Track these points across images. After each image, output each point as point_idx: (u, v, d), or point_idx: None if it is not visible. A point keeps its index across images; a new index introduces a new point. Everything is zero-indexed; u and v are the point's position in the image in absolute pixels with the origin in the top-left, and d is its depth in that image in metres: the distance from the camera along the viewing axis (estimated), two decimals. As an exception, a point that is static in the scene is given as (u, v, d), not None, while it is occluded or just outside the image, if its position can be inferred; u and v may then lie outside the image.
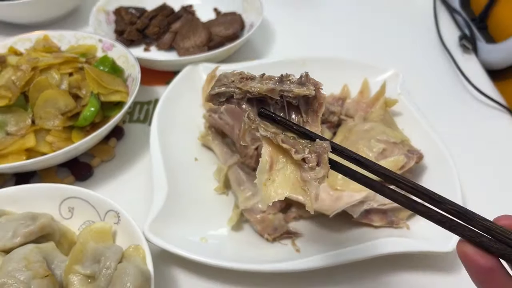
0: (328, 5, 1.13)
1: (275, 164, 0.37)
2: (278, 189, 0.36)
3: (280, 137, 0.37)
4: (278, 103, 0.38)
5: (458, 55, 0.92)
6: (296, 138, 0.37)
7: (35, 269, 0.46)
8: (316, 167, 0.36)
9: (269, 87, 0.37)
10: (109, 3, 0.98)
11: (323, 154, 0.36)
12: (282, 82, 0.37)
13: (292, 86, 0.37)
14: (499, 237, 0.32)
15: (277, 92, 0.37)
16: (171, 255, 0.55)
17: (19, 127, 0.65)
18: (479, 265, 0.32)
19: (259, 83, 0.37)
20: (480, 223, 0.33)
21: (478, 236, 0.33)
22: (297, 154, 0.36)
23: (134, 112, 0.81)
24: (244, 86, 0.37)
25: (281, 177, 0.37)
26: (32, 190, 0.57)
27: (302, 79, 0.37)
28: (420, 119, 0.70)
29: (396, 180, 0.36)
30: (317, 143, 0.36)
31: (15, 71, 0.67)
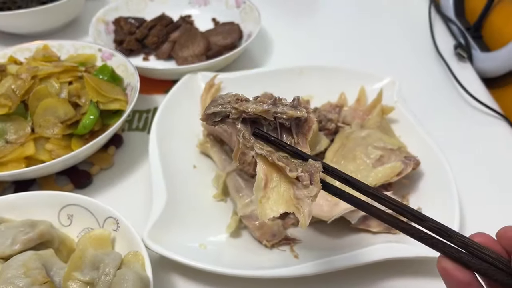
0: (325, 15, 1.15)
1: (270, 182, 0.38)
2: (273, 207, 0.38)
3: (276, 156, 0.38)
4: (271, 124, 0.40)
5: (453, 63, 0.93)
6: (289, 157, 0.38)
7: (34, 276, 0.46)
8: (310, 184, 0.37)
9: (264, 108, 0.38)
10: (108, 14, 0.99)
11: (315, 173, 0.37)
12: (276, 104, 0.39)
13: (286, 109, 0.38)
14: (476, 252, 0.35)
15: (272, 114, 0.38)
16: (170, 262, 0.56)
17: (19, 135, 0.66)
18: (458, 279, 0.35)
19: (254, 104, 0.38)
20: (459, 240, 0.36)
21: (457, 252, 0.35)
22: (291, 172, 0.37)
23: (133, 120, 0.81)
24: (240, 106, 0.38)
25: (275, 195, 0.38)
26: (31, 197, 0.57)
27: (295, 103, 0.39)
28: (417, 126, 0.70)
29: (383, 199, 0.38)
30: (310, 163, 0.38)
31: (15, 80, 0.68)
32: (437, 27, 1.04)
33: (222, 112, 0.38)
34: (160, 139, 0.68)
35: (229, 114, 0.38)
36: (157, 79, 0.88)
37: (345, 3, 1.19)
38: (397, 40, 1.03)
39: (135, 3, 1.03)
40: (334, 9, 1.17)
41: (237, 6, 1.02)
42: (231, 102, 0.38)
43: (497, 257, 0.35)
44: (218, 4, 1.06)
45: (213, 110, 0.38)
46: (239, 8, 1.02)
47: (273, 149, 0.38)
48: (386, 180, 0.61)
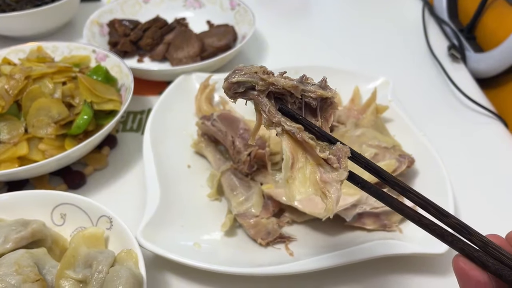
0: (319, 16, 1.15)
1: (296, 162, 0.37)
2: (300, 188, 0.36)
3: (306, 134, 0.36)
4: (296, 103, 0.38)
5: (447, 64, 0.93)
6: (315, 139, 0.37)
7: (25, 274, 0.46)
8: (340, 168, 0.36)
9: (293, 83, 0.36)
10: (102, 16, 0.99)
11: (344, 158, 0.36)
12: (303, 82, 0.37)
13: (314, 87, 0.36)
14: (493, 252, 0.34)
15: (300, 91, 0.36)
16: (164, 261, 0.55)
17: (12, 135, 0.65)
18: (477, 279, 0.33)
19: (282, 79, 0.36)
20: (479, 239, 0.35)
21: (476, 251, 0.34)
22: (322, 152, 0.36)
23: (127, 121, 0.81)
24: (268, 78, 0.36)
25: (301, 176, 0.37)
26: (23, 197, 0.57)
27: (323, 83, 0.37)
28: (411, 125, 0.70)
29: (407, 191, 0.37)
30: (338, 146, 0.36)
31: (8, 80, 0.68)
32: (430, 28, 1.05)
33: (247, 82, 0.36)
34: (154, 139, 0.68)
35: (255, 86, 0.36)
36: (152, 81, 0.88)
37: (339, 5, 1.20)
38: (391, 41, 1.04)
39: (129, 5, 1.04)
40: (328, 11, 1.18)
41: (231, 8, 1.03)
42: (258, 72, 0.36)
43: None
44: (212, 7, 1.06)
45: (238, 79, 0.36)
46: (233, 10, 1.02)
47: (301, 126, 0.36)
48: (381, 177, 0.61)
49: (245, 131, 0.66)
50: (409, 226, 0.58)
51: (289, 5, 1.20)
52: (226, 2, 1.04)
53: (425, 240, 0.54)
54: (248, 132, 0.65)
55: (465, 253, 0.34)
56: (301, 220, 0.60)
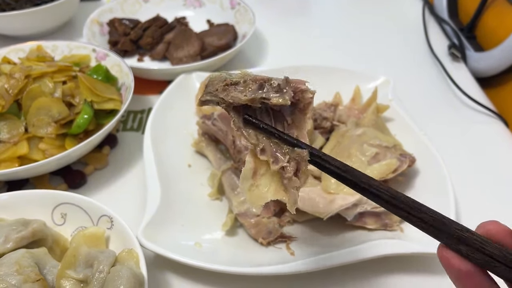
0: (320, 15, 1.15)
1: (259, 169, 0.38)
2: (261, 194, 0.38)
3: (259, 148, 0.37)
4: (263, 108, 0.38)
5: (447, 63, 0.93)
6: (279, 143, 0.37)
7: (26, 274, 0.45)
8: (294, 176, 0.37)
9: (248, 98, 0.36)
10: (102, 15, 0.99)
11: (302, 163, 0.36)
12: (263, 87, 0.36)
13: (271, 94, 0.36)
14: (477, 246, 0.33)
15: (258, 101, 0.36)
16: (165, 260, 0.55)
17: (12, 134, 0.65)
18: (458, 268, 0.33)
19: (240, 93, 0.36)
20: (458, 233, 0.33)
21: (456, 244, 0.33)
22: (274, 164, 0.37)
23: (128, 120, 0.81)
24: (226, 96, 0.36)
25: (264, 181, 0.38)
26: (24, 196, 0.57)
27: (281, 85, 0.36)
28: (412, 124, 0.70)
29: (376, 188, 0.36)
30: (296, 152, 0.37)
31: (8, 79, 0.68)
32: (431, 28, 1.05)
33: (213, 101, 0.37)
34: (154, 138, 0.68)
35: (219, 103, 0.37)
36: (152, 80, 0.88)
37: (339, 4, 1.20)
38: (391, 40, 1.03)
39: (129, 4, 1.03)
40: (328, 10, 1.17)
41: (231, 8, 1.02)
42: (219, 90, 0.37)
43: (501, 251, 0.32)
44: (212, 6, 1.06)
45: (204, 98, 0.38)
46: (233, 9, 1.02)
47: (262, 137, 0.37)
48: (382, 177, 0.61)
49: (246, 131, 0.66)
50: (410, 225, 0.58)
51: (289, 4, 1.20)
52: (226, 1, 1.04)
53: (426, 240, 0.54)
54: (248, 132, 0.65)
55: (448, 245, 0.34)
56: (302, 219, 0.60)
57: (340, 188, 0.59)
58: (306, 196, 0.59)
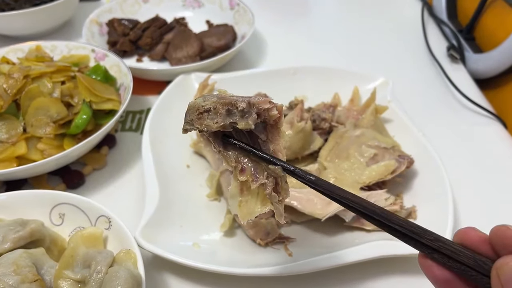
0: (318, 16, 1.15)
1: (245, 187, 0.39)
2: (251, 208, 0.39)
3: (239, 169, 0.38)
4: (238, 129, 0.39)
5: (446, 64, 0.93)
6: (258, 161, 0.39)
7: (24, 274, 0.45)
8: (272, 192, 0.38)
9: (219, 125, 0.37)
10: (102, 15, 0.99)
11: (279, 179, 0.38)
12: (231, 113, 0.37)
13: (237, 119, 0.37)
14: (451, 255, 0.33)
15: (228, 125, 0.37)
16: (163, 261, 0.55)
17: (10, 134, 0.65)
18: (435, 275, 0.34)
19: (211, 120, 0.37)
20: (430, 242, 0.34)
21: (430, 253, 0.34)
22: (254, 183, 0.38)
23: (126, 121, 0.81)
24: (201, 125, 0.38)
25: (251, 196, 0.39)
26: (22, 196, 0.57)
27: (245, 109, 0.37)
28: (411, 126, 0.70)
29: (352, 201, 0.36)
30: (272, 169, 0.38)
31: (7, 79, 0.67)
32: (429, 29, 1.05)
33: (193, 129, 0.39)
34: (153, 138, 0.68)
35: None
36: (151, 80, 0.88)
37: (338, 5, 1.20)
38: (390, 41, 1.04)
39: (129, 4, 1.03)
40: (328, 10, 1.18)
41: (231, 8, 1.03)
42: (194, 120, 0.38)
43: (475, 260, 0.32)
44: (212, 6, 1.06)
45: (185, 127, 0.39)
46: (233, 10, 1.02)
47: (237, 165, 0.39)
48: (380, 178, 0.61)
49: (244, 131, 0.66)
50: (408, 226, 0.58)
51: (289, 5, 1.20)
52: (225, 1, 1.04)
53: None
54: (247, 132, 0.65)
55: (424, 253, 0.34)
56: (300, 220, 0.60)
57: (339, 189, 0.59)
58: (304, 197, 0.59)
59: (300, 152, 0.67)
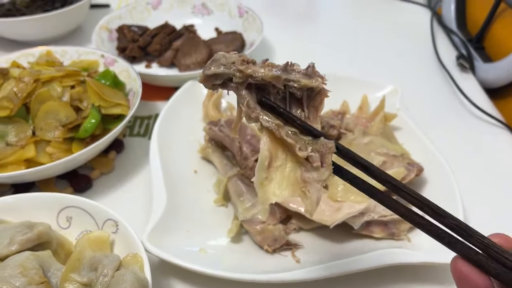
0: (327, 25, 1.16)
1: (274, 161, 0.34)
2: (276, 190, 0.34)
3: (285, 131, 0.34)
4: (280, 93, 0.35)
5: (455, 73, 0.93)
6: (298, 134, 0.34)
7: (30, 276, 0.45)
8: (320, 167, 0.33)
9: (274, 74, 0.33)
10: (111, 21, 0.99)
11: (327, 154, 0.34)
12: (287, 71, 0.34)
13: (299, 76, 0.34)
14: (496, 256, 0.32)
15: (282, 81, 0.34)
16: (170, 266, 0.55)
17: (20, 137, 0.65)
18: (475, 284, 0.32)
19: (262, 69, 0.33)
20: (480, 241, 0.33)
21: (476, 254, 0.32)
22: (301, 151, 0.33)
23: (135, 126, 0.81)
24: (246, 69, 0.33)
25: (279, 176, 0.34)
26: (29, 199, 0.57)
27: (309, 70, 0.34)
28: (420, 134, 0.70)
29: (399, 189, 0.35)
30: (322, 142, 0.34)
31: (17, 83, 0.68)
32: (439, 38, 1.05)
33: (224, 74, 0.33)
34: (161, 144, 0.68)
35: (233, 78, 0.34)
36: (159, 86, 0.88)
37: (347, 13, 1.20)
38: (399, 50, 1.03)
39: (138, 11, 1.04)
40: (336, 19, 1.18)
41: (239, 16, 1.03)
42: (236, 63, 0.33)
43: None
44: (221, 14, 1.06)
45: (213, 71, 0.33)
46: (241, 17, 1.02)
47: (281, 122, 0.34)
48: (389, 185, 0.60)
49: (252, 137, 0.65)
50: (418, 235, 0.58)
51: (297, 13, 1.21)
52: (234, 9, 1.04)
53: (433, 249, 0.53)
54: (255, 138, 0.65)
55: (465, 256, 0.33)
56: (308, 227, 0.60)
57: (347, 196, 0.59)
58: (312, 203, 0.58)
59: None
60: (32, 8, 1.01)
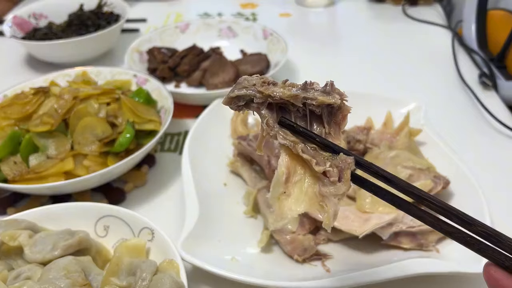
0: (350, 47, 1.18)
1: (292, 176, 0.36)
2: (293, 205, 0.35)
3: (300, 147, 0.35)
4: (300, 111, 0.36)
5: (478, 91, 0.94)
6: (317, 149, 0.36)
7: (74, 278, 0.48)
8: (338, 182, 0.35)
9: (292, 93, 0.35)
10: (142, 44, 1.04)
11: (346, 170, 0.35)
12: (306, 89, 0.36)
13: (316, 94, 0.35)
14: None
15: (300, 99, 0.35)
16: (202, 274, 0.56)
17: (59, 151, 0.69)
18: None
19: (281, 89, 0.35)
20: (510, 246, 0.32)
21: (508, 260, 0.32)
22: (318, 166, 0.34)
23: (165, 142, 0.84)
24: (266, 90, 0.35)
25: (297, 190, 0.36)
26: (68, 208, 0.60)
27: (327, 88, 0.36)
28: (445, 148, 0.71)
29: (424, 198, 0.35)
30: (341, 157, 0.35)
31: (58, 100, 0.72)
32: (460, 58, 1.06)
33: (246, 96, 0.36)
34: (192, 158, 0.70)
35: (254, 98, 0.36)
36: (188, 105, 0.91)
37: (369, 36, 1.23)
38: (422, 70, 1.05)
39: (167, 34, 1.09)
40: (359, 41, 1.20)
41: (264, 38, 1.07)
42: (256, 85, 0.35)
43: None
44: (246, 36, 1.10)
45: (236, 93, 0.36)
46: (266, 39, 1.06)
47: (299, 140, 0.35)
48: (417, 197, 0.61)
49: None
50: (447, 246, 0.58)
51: (320, 35, 1.24)
52: (259, 32, 1.08)
53: (463, 260, 0.54)
54: (283, 152, 0.67)
55: (496, 261, 0.32)
56: (337, 238, 0.61)
57: (376, 208, 0.60)
58: (341, 214, 0.60)
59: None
60: (68, 32, 1.07)
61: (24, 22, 1.11)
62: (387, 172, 0.36)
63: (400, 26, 1.25)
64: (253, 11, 1.36)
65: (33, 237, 0.54)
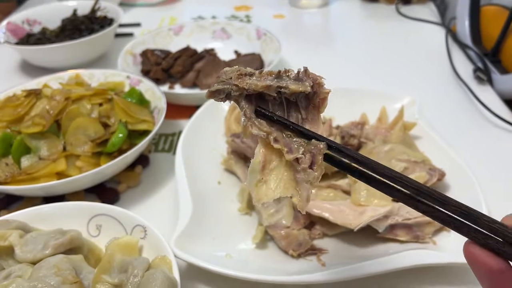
0: (344, 45, 1.19)
1: (268, 164, 0.37)
2: (269, 190, 0.37)
3: (273, 136, 0.36)
4: (277, 99, 0.37)
5: (473, 86, 0.94)
6: (292, 136, 0.37)
7: (64, 276, 0.47)
8: (309, 168, 0.35)
9: (264, 84, 0.36)
10: (136, 47, 1.04)
11: (318, 155, 0.36)
12: (280, 77, 0.36)
13: (289, 83, 0.36)
14: (507, 239, 0.31)
15: (274, 89, 0.36)
16: (196, 271, 0.56)
17: (51, 152, 0.68)
18: (489, 266, 0.31)
19: (256, 80, 0.36)
20: (487, 225, 0.32)
21: (484, 238, 0.32)
22: (289, 154, 0.35)
23: (159, 143, 0.83)
24: (241, 83, 0.36)
25: (274, 177, 0.37)
26: (60, 208, 0.59)
27: (300, 75, 0.36)
28: (440, 141, 0.70)
29: (398, 180, 0.35)
30: (312, 143, 0.36)
31: (49, 101, 0.71)
32: (454, 53, 1.06)
33: (224, 90, 0.37)
34: (186, 157, 0.70)
35: (231, 91, 0.37)
36: (182, 106, 0.91)
37: (363, 34, 1.23)
38: (416, 66, 1.05)
39: (161, 37, 1.09)
40: (352, 39, 1.21)
41: (258, 38, 1.07)
42: (233, 78, 0.36)
43: None
44: (240, 37, 1.10)
45: (215, 88, 0.37)
46: (260, 39, 1.06)
47: (274, 128, 0.36)
48: (412, 190, 0.61)
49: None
50: (443, 238, 0.58)
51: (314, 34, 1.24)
52: (253, 33, 1.08)
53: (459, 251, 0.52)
54: (277, 148, 0.67)
55: (474, 239, 0.32)
56: (332, 233, 0.60)
57: (371, 200, 0.59)
58: (336, 208, 0.59)
59: (329, 167, 0.67)
60: (61, 37, 1.07)
61: (17, 28, 1.11)
62: (358, 154, 0.36)
63: (394, 25, 1.26)
64: (247, 13, 1.37)
65: (24, 237, 0.53)
